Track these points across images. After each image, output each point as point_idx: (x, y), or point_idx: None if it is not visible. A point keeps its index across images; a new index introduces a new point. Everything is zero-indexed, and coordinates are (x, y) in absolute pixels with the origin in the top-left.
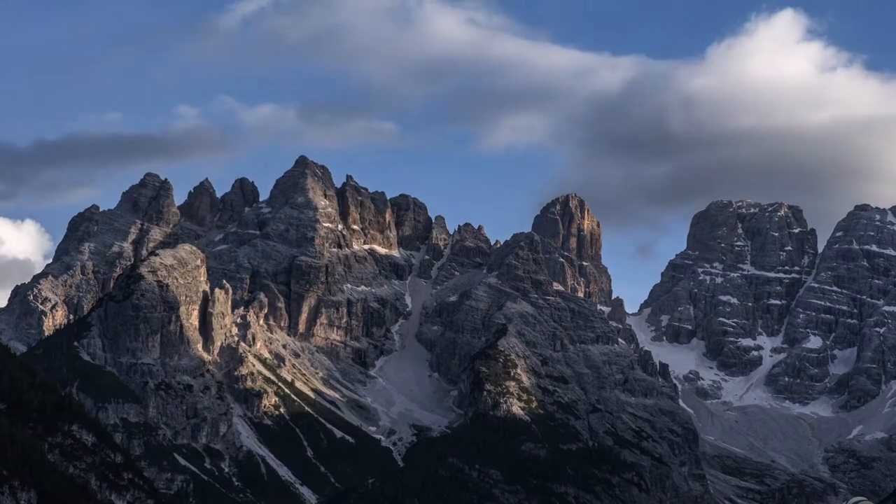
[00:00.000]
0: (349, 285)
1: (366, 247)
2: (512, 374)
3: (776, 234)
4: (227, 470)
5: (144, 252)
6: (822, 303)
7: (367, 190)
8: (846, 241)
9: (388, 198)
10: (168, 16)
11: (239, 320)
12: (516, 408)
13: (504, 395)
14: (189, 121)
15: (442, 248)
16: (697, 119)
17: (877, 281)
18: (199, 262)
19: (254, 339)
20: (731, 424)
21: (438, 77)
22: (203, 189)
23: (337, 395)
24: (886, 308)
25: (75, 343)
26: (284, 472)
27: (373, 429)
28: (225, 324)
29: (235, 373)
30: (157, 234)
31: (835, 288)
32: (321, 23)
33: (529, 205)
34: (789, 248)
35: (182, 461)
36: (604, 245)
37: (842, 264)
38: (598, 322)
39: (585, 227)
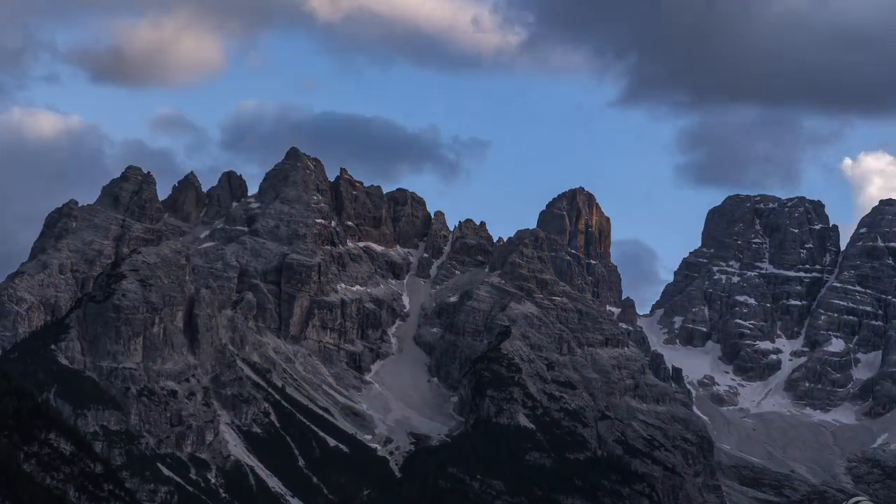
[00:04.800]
0: (343, 285)
1: (361, 244)
2: (516, 378)
3: (796, 231)
4: (213, 480)
5: (126, 250)
6: (845, 303)
7: (362, 184)
8: (870, 237)
9: (385, 192)
10: None
11: (226, 322)
12: (520, 415)
13: (507, 401)
14: None
15: (441, 245)
16: None
17: None
18: (183, 260)
19: (242, 342)
20: (748, 432)
21: None
22: (188, 183)
23: (330, 402)
24: None
25: (52, 346)
26: (274, 483)
27: (368, 437)
28: (211, 326)
29: (222, 378)
30: (139, 230)
31: (858, 288)
32: None
33: (534, 200)
34: (810, 245)
35: (166, 471)
36: None
37: (866, 262)
38: (607, 324)
39: (594, 223)
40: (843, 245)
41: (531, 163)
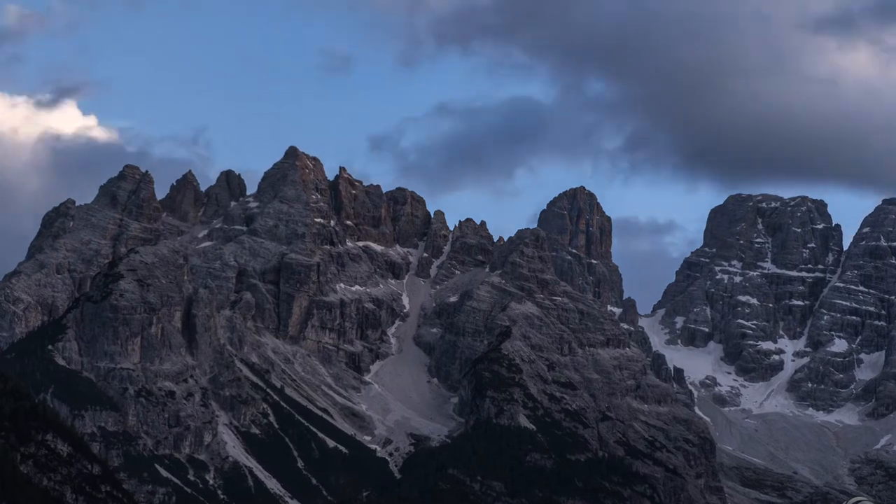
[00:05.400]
0: (342, 285)
1: (360, 244)
2: (516, 379)
3: (799, 230)
4: (211, 482)
5: (123, 249)
6: (848, 303)
7: (361, 183)
8: (873, 237)
9: (384, 191)
10: None
11: (225, 322)
12: (521, 416)
13: (508, 402)
14: None
15: (441, 244)
16: None
17: None
18: (181, 260)
19: (240, 342)
20: (750, 433)
21: None
22: (186, 182)
23: (329, 403)
24: None
25: (50, 346)
26: (273, 485)
27: (368, 438)
28: (210, 326)
29: (221, 378)
30: (136, 230)
31: (861, 287)
32: None
33: (535, 199)
34: (813, 244)
35: (164, 472)
36: None
37: (869, 262)
38: (609, 324)
39: (595, 222)
40: (845, 244)
41: None
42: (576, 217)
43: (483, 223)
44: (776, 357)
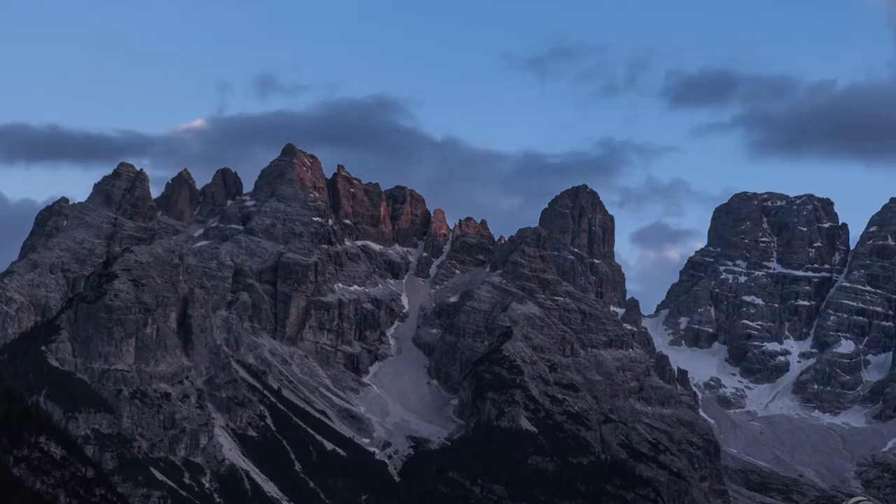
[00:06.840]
0: (340, 285)
1: (359, 243)
2: (517, 381)
3: (804, 229)
4: (207, 485)
5: (118, 249)
6: (855, 304)
7: (359, 181)
8: (880, 236)
9: (383, 189)
10: None
11: (221, 323)
12: (522, 418)
13: (509, 404)
14: None
15: (441, 244)
16: None
17: None
18: (177, 259)
19: (237, 343)
20: (755, 436)
21: None
22: (182, 180)
23: (327, 405)
24: None
25: (43, 347)
26: (270, 488)
27: (366, 441)
28: (206, 327)
29: (217, 380)
30: (131, 229)
31: (868, 288)
32: None
33: (536, 197)
34: (819, 244)
35: (159, 476)
36: None
37: (876, 262)
38: (611, 325)
39: (597, 221)
40: (852, 244)
41: None
42: (578, 216)
43: (483, 222)
44: (782, 358)
